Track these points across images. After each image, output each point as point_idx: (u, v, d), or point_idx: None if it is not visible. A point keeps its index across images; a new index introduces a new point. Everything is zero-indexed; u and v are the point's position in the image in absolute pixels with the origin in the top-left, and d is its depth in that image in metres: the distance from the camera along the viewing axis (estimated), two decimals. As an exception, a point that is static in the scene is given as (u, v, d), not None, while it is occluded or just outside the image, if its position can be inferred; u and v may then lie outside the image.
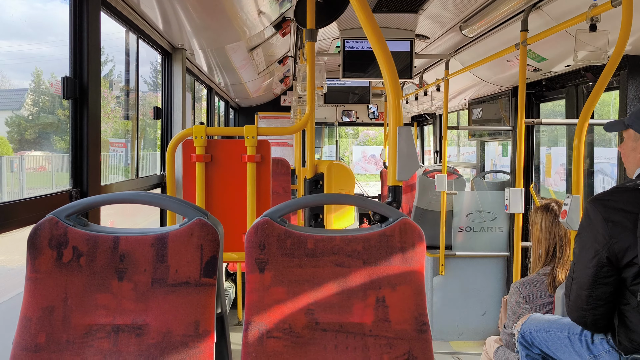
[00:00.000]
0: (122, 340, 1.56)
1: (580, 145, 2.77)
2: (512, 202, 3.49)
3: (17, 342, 1.55)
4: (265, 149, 2.78)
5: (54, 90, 3.59)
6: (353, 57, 4.54)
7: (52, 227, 1.60)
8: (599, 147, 4.55)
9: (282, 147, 8.64)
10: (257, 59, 4.74)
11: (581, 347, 2.30)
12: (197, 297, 1.59)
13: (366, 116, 8.87)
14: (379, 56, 1.86)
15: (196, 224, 1.62)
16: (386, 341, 1.61)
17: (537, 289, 2.83)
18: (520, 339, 2.58)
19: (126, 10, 2.85)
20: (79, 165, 2.29)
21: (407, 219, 1.66)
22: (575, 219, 2.67)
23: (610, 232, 2.08)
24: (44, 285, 1.58)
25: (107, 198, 1.71)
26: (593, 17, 2.75)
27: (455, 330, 5.09)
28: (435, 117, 8.30)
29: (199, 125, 2.72)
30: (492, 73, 4.93)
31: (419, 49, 5.19)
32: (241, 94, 7.09)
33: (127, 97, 3.53)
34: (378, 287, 1.63)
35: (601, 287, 2.12)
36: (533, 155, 5.05)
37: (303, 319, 1.62)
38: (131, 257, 1.61)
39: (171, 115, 3.87)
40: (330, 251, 1.64)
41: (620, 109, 3.55)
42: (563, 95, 4.49)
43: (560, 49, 3.62)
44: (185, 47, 3.83)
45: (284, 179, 5.31)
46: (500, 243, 5.11)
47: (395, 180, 1.86)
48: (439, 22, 4.35)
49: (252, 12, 3.31)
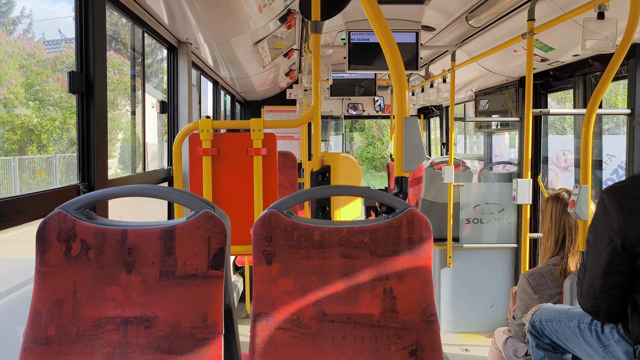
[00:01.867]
0: (131, 332, 1.58)
1: (589, 135, 2.75)
2: (519, 193, 3.47)
3: (28, 335, 1.57)
4: (271, 142, 2.78)
5: (60, 84, 3.61)
6: (359, 49, 4.52)
7: (60, 220, 1.61)
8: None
9: (288, 140, 8.63)
10: (263, 52, 4.73)
11: (591, 336, 2.30)
12: (205, 289, 1.60)
13: (372, 109, 8.85)
14: (384, 48, 1.85)
15: (203, 216, 1.62)
16: (394, 332, 1.61)
17: (546, 280, 2.82)
18: (531, 328, 2.57)
19: (131, 5, 2.85)
20: (87, 159, 2.30)
21: (414, 209, 1.66)
22: (583, 209, 2.65)
23: (626, 219, 2.08)
24: (53, 279, 1.59)
25: (114, 191, 1.72)
26: (601, 5, 2.72)
27: (463, 322, 5.09)
28: (441, 109, 8.27)
29: (206, 119, 2.72)
30: (498, 64, 4.90)
31: (424, 40, 5.16)
32: (247, 88, 7.09)
33: (134, 92, 3.54)
34: (385, 278, 1.63)
35: (615, 275, 2.11)
36: (541, 146, 5.03)
37: (311, 310, 1.62)
38: (139, 250, 1.61)
39: (177, 109, 3.88)
40: (337, 243, 1.64)
41: (628, 98, 3.52)
42: (571, 85, 4.46)
43: (567, 38, 3.59)
44: (190, 40, 3.83)
45: (290, 172, 5.31)
46: (508, 234, 5.09)
47: (402, 171, 1.85)
48: (445, 13, 4.32)
49: (257, 5, 3.30)
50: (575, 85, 4.37)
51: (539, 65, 4.33)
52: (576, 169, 4.39)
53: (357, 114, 8.87)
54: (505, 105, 5.65)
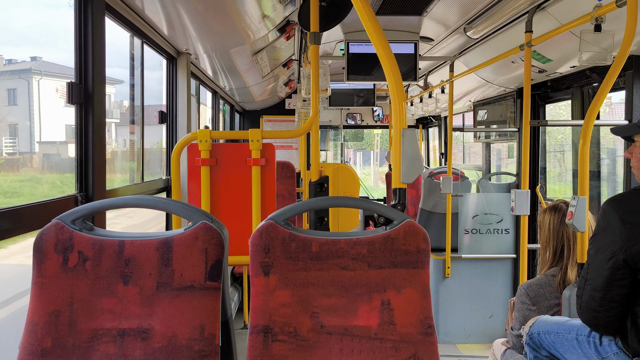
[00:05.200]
0: (127, 344, 1.57)
1: (586, 146, 2.76)
2: (518, 203, 3.47)
3: (24, 347, 1.56)
4: (270, 153, 2.79)
5: (59, 95, 3.60)
6: (357, 60, 4.53)
7: (57, 231, 1.61)
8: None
9: (287, 150, 8.64)
10: (262, 62, 4.75)
11: (589, 348, 2.29)
12: (202, 301, 1.60)
13: (371, 119, 8.87)
14: (382, 59, 1.86)
15: (201, 227, 1.62)
16: (392, 344, 1.60)
17: (545, 291, 2.81)
18: (529, 340, 2.56)
19: (131, 16, 2.86)
20: (84, 170, 2.30)
21: (411, 221, 1.66)
22: (581, 220, 2.65)
23: (628, 234, 2.05)
24: (50, 290, 1.59)
25: (112, 202, 1.72)
26: (598, 17, 2.73)
27: (462, 333, 5.07)
28: (440, 119, 8.29)
29: (204, 129, 2.72)
30: (497, 75, 4.92)
31: (423, 51, 5.18)
32: (246, 98, 7.11)
33: (132, 101, 3.54)
34: (383, 290, 1.63)
35: (616, 289, 2.10)
36: (539, 157, 5.03)
37: (308, 322, 1.62)
38: (136, 261, 1.61)
39: (176, 119, 3.88)
40: (335, 254, 1.64)
41: (626, 110, 3.53)
42: (568, 97, 4.47)
43: (565, 49, 3.60)
44: (189, 51, 3.85)
45: (289, 182, 5.31)
46: (507, 245, 5.08)
47: (400, 183, 1.86)
48: (443, 24, 4.34)
49: (256, 16, 3.32)
50: (572, 97, 4.39)
51: (537, 77, 4.35)
52: (574, 179, 4.39)
53: (356, 123, 8.89)
54: (503, 115, 5.67)
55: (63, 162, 4.11)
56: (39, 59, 4.43)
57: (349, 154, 21.94)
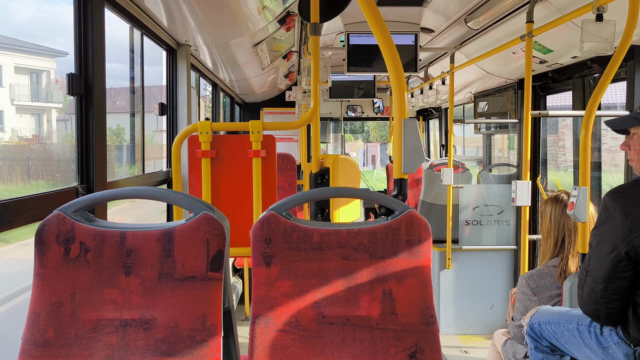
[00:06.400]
0: (130, 334, 1.57)
1: (587, 137, 2.76)
2: (519, 195, 3.47)
3: (26, 338, 1.56)
4: (270, 144, 2.78)
5: (59, 87, 3.60)
6: (358, 52, 4.52)
7: (59, 223, 1.61)
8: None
9: (287, 142, 8.63)
10: (262, 54, 4.74)
11: (590, 338, 2.30)
12: (204, 291, 1.60)
13: (371, 110, 8.86)
14: (383, 50, 1.85)
15: (202, 218, 1.62)
16: (393, 334, 1.61)
17: (545, 281, 2.82)
18: (529, 331, 2.57)
19: (130, 7, 2.85)
20: (85, 162, 2.30)
21: (413, 211, 1.66)
22: (582, 210, 2.65)
23: (630, 226, 2.05)
24: (52, 281, 1.59)
25: (113, 193, 1.72)
26: (599, 7, 2.72)
27: (462, 324, 5.09)
28: (440, 111, 8.27)
29: (205, 121, 2.72)
30: (497, 66, 4.91)
31: (423, 42, 5.17)
32: (246, 90, 7.09)
33: (133, 93, 3.54)
34: (384, 280, 1.63)
35: (617, 281, 2.10)
36: (540, 148, 5.03)
37: (310, 312, 1.62)
38: (138, 252, 1.61)
39: (176, 111, 3.88)
40: (337, 245, 1.64)
41: (627, 101, 3.52)
42: (570, 87, 4.46)
43: (566, 40, 3.59)
44: (189, 43, 3.83)
45: (289, 174, 5.31)
46: (508, 236, 5.10)
47: (401, 173, 1.85)
48: (444, 15, 4.33)
49: (256, 7, 3.30)
50: (574, 87, 4.38)
51: (538, 67, 4.33)
52: (575, 170, 4.39)
53: (356, 115, 8.88)
54: (504, 107, 5.66)
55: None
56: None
57: (370, 149, 21.40)
